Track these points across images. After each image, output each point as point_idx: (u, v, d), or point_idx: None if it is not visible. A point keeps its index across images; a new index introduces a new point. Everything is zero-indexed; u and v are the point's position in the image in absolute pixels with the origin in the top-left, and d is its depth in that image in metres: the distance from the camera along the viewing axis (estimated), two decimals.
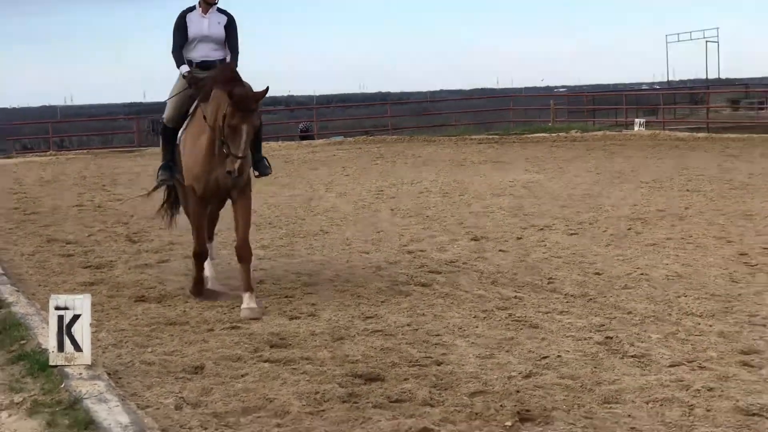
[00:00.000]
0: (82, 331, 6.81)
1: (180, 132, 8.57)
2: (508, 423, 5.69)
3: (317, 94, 72.16)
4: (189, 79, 8.54)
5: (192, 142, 8.26)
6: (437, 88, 74.80)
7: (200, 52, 8.58)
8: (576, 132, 36.73)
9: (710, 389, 6.29)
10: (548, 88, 59.98)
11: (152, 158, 31.82)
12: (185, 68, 8.66)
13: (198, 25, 8.56)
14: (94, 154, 35.75)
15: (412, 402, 6.14)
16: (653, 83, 50.74)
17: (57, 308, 6.86)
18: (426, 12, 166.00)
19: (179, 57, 8.70)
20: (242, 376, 6.79)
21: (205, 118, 8.10)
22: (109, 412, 5.88)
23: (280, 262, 11.39)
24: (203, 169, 8.17)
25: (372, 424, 5.75)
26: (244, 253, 8.48)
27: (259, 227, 13.84)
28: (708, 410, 5.90)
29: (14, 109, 76.64)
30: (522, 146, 31.25)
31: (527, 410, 5.87)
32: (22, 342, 7.56)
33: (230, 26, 8.65)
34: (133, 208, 17.28)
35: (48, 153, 37.14)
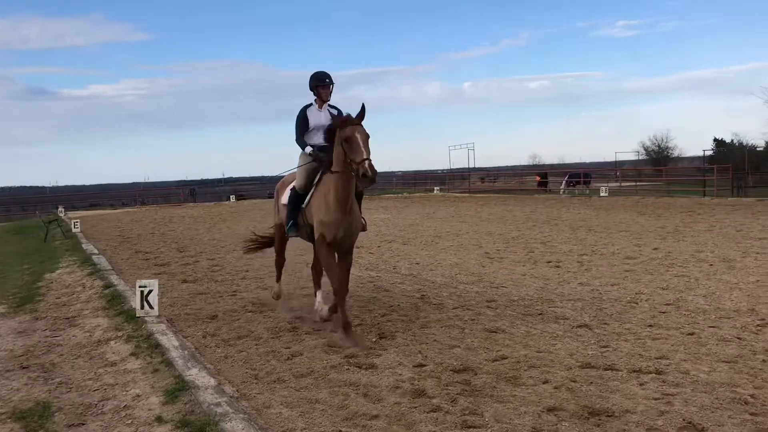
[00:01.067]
0: (154, 298, 6.61)
1: (307, 198, 6.20)
2: (374, 339, 5.75)
3: None
4: (315, 157, 6.17)
5: (321, 201, 5.88)
6: None
7: (319, 139, 6.26)
8: (406, 194, 36.98)
9: (472, 318, 6.40)
10: (392, 172, 60.39)
11: (189, 209, 30.99)
12: (309, 149, 6.23)
13: (316, 117, 6.30)
14: (159, 207, 34.64)
15: (330, 331, 6.10)
16: (443, 170, 51.69)
17: (140, 286, 6.65)
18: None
19: (302, 141, 6.32)
20: (237, 320, 6.67)
21: (331, 171, 5.75)
22: (168, 339, 5.73)
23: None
24: (332, 218, 5.75)
25: (305, 342, 5.72)
26: (343, 292, 5.84)
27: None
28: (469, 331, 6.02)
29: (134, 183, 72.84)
30: (379, 201, 31.34)
31: (383, 333, 5.92)
32: (122, 305, 7.30)
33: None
34: (183, 235, 16.75)
35: (135, 206, 36.04)
